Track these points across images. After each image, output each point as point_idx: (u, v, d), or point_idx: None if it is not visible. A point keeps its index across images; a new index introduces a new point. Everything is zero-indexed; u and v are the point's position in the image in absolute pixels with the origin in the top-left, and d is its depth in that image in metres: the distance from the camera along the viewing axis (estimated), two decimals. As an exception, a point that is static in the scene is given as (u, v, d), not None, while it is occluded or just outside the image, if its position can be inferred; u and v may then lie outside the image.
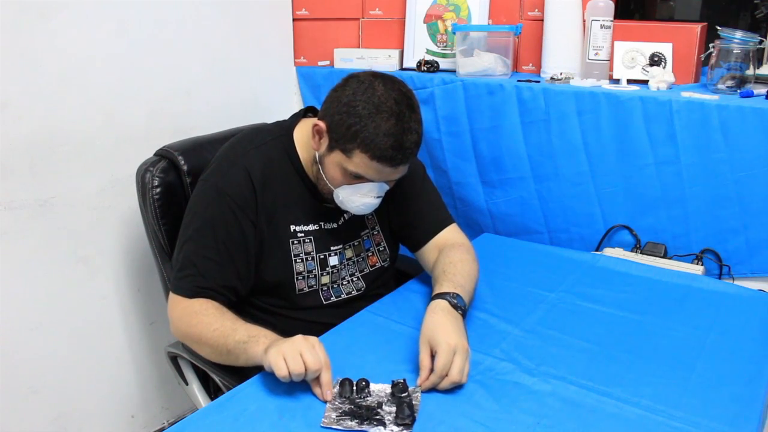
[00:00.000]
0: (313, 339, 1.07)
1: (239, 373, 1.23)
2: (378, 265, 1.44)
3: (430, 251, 1.43)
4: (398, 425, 0.98)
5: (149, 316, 1.82)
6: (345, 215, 1.40)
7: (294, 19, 2.13)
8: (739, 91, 1.61)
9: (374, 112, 1.17)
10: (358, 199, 1.26)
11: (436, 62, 1.99)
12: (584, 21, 1.80)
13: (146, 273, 1.75)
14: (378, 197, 1.27)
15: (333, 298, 1.37)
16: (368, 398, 1.04)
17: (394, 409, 1.02)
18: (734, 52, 1.63)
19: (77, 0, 1.51)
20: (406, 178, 1.44)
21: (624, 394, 1.07)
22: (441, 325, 1.13)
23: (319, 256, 1.35)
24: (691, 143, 1.60)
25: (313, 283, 1.35)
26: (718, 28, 1.66)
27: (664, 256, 1.67)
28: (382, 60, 2.04)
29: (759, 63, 1.71)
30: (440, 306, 1.18)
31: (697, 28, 1.71)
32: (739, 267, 1.62)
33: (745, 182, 1.56)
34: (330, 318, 1.34)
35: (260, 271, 1.31)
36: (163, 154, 1.47)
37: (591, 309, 1.37)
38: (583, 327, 1.29)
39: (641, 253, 1.69)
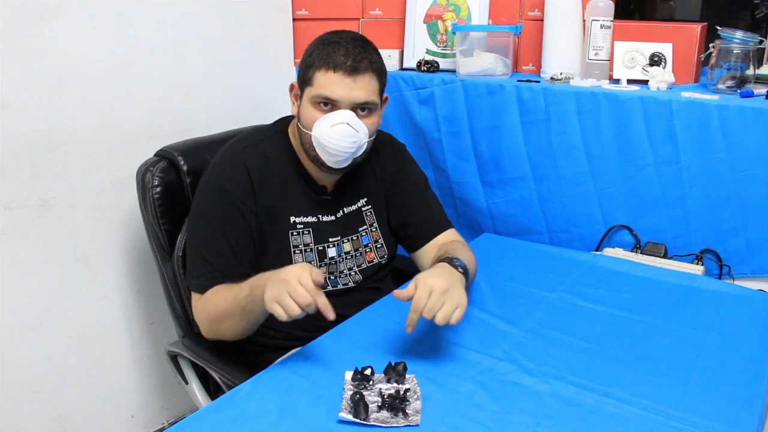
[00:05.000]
0: (297, 272, 1.07)
1: (239, 370, 1.25)
2: (375, 261, 1.45)
3: (427, 252, 1.45)
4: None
5: (149, 316, 1.82)
6: (344, 209, 1.42)
7: (294, 19, 2.13)
8: (739, 91, 1.61)
9: (324, 40, 1.29)
10: (331, 129, 1.25)
11: (436, 62, 1.99)
12: (584, 21, 1.80)
13: (146, 273, 1.75)
14: (349, 125, 1.25)
15: (329, 287, 1.39)
16: (377, 385, 1.06)
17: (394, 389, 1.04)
18: (734, 52, 1.63)
19: (77, 1, 1.51)
20: (408, 184, 1.49)
21: (624, 394, 1.07)
22: (433, 272, 1.16)
23: (318, 248, 1.37)
24: (691, 143, 1.60)
25: None
26: (718, 28, 1.66)
27: (664, 256, 1.67)
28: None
29: (759, 63, 1.71)
30: (440, 264, 1.22)
31: (697, 28, 1.71)
32: (739, 267, 1.62)
33: (745, 182, 1.56)
34: None
35: (260, 262, 1.32)
36: (163, 155, 1.48)
37: (591, 309, 1.37)
38: (583, 327, 1.29)
39: (641, 253, 1.69)
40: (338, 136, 1.25)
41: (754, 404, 1.06)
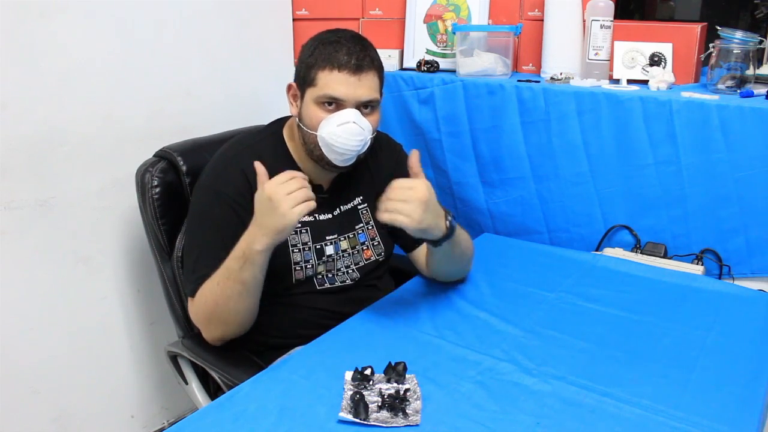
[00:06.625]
0: (275, 184, 1.16)
1: (239, 370, 1.24)
2: (373, 258, 1.46)
3: (423, 251, 1.46)
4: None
5: (149, 316, 1.82)
6: (340, 207, 1.42)
7: (294, 19, 2.13)
8: (739, 91, 1.61)
9: (324, 40, 1.29)
10: (338, 128, 1.25)
11: (436, 62, 1.99)
12: (584, 21, 1.80)
13: (146, 273, 1.75)
14: (356, 124, 1.26)
15: (327, 285, 1.39)
16: (377, 385, 1.06)
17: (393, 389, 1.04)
18: (734, 52, 1.62)
19: (77, 0, 1.51)
20: None
21: (624, 394, 1.07)
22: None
23: (316, 246, 1.37)
24: (691, 143, 1.60)
25: (311, 273, 1.37)
26: (718, 28, 1.66)
27: (664, 256, 1.67)
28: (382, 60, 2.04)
29: (759, 63, 1.71)
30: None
31: (697, 28, 1.71)
32: (739, 267, 1.62)
33: (745, 182, 1.56)
34: (324, 304, 1.37)
35: None
36: (162, 155, 1.48)
37: (591, 309, 1.37)
38: (583, 327, 1.29)
39: (641, 253, 1.69)
40: (346, 135, 1.25)
41: (754, 404, 1.06)
